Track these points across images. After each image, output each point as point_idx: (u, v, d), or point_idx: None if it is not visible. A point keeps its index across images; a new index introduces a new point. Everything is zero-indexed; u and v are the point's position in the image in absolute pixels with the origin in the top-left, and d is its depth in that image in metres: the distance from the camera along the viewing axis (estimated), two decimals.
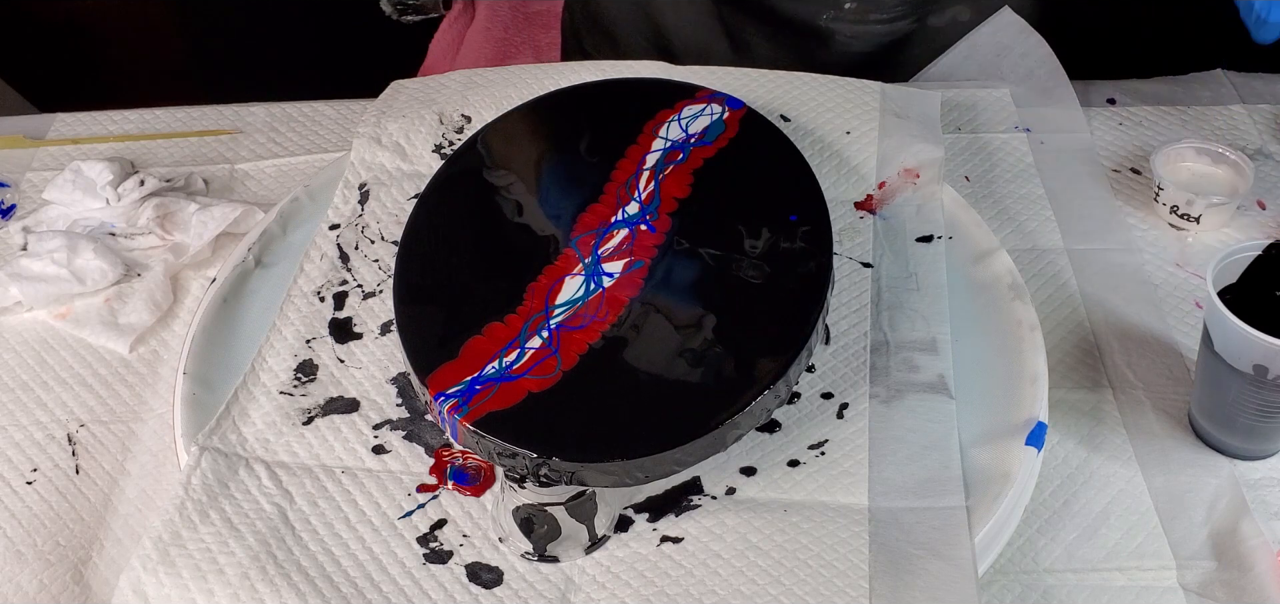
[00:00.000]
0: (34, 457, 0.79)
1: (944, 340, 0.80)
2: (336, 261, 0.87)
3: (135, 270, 0.91)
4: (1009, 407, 0.76)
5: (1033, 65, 1.10)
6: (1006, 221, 0.95)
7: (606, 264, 0.77)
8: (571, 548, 0.69)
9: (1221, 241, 0.92)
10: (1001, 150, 1.02)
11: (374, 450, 0.75)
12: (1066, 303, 0.88)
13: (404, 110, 0.99)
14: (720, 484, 0.72)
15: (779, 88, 0.99)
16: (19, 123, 1.10)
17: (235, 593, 0.66)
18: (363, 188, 0.93)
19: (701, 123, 0.88)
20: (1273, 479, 0.76)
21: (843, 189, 0.91)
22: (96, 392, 0.84)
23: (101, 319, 0.88)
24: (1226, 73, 1.10)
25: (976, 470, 0.73)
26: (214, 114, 1.09)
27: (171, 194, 0.97)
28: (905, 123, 0.96)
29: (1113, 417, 0.80)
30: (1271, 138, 1.03)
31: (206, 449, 0.73)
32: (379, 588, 0.67)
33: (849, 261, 0.86)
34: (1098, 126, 1.05)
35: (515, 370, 0.71)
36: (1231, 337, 0.72)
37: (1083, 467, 0.77)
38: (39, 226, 0.96)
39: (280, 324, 0.82)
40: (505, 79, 1.02)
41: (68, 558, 0.74)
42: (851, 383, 0.77)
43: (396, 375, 0.79)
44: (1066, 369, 0.83)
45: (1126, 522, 0.74)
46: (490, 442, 0.69)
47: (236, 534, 0.69)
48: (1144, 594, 0.70)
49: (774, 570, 0.67)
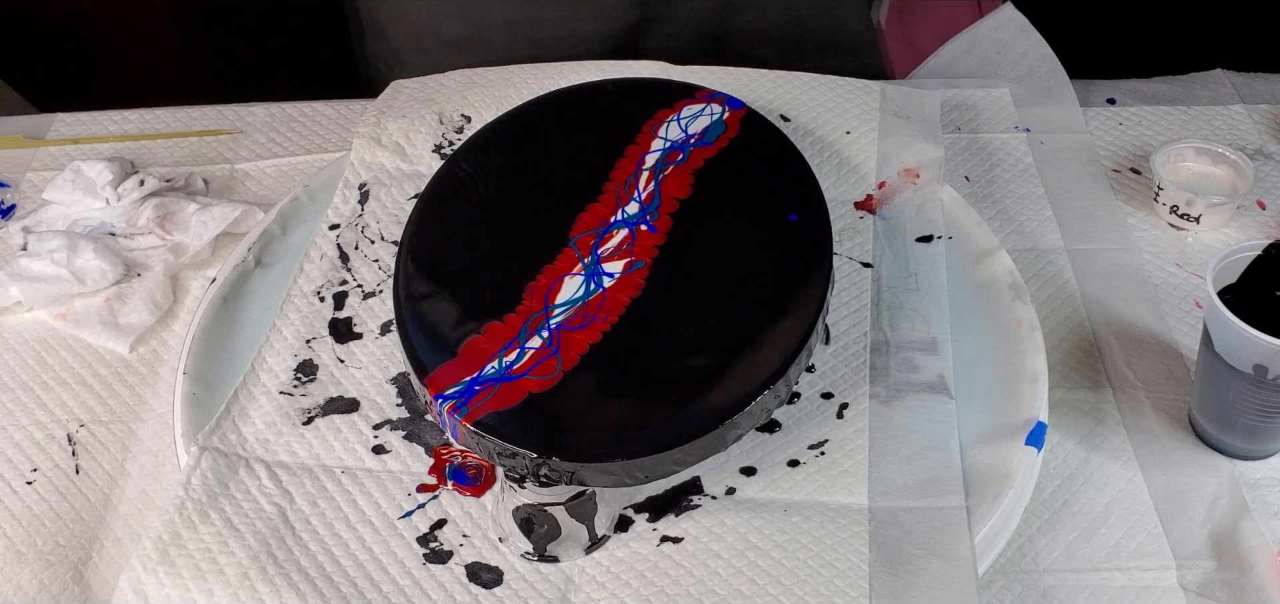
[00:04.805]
0: (34, 457, 0.79)
1: (944, 340, 0.80)
2: (336, 261, 0.87)
3: (135, 270, 0.91)
4: (1009, 407, 0.76)
5: (1033, 64, 1.10)
6: (1006, 221, 0.95)
7: (606, 264, 0.77)
8: (571, 548, 0.69)
9: (1221, 241, 0.92)
10: (1001, 150, 1.02)
11: (374, 450, 0.75)
12: (1066, 303, 0.88)
13: (404, 110, 0.99)
14: (720, 484, 0.72)
15: (779, 88, 0.99)
16: (19, 123, 1.10)
17: (235, 593, 0.66)
18: (363, 188, 0.93)
19: (701, 123, 0.88)
20: (1273, 479, 0.76)
21: (843, 189, 0.91)
22: (96, 392, 0.84)
23: (101, 319, 0.88)
24: (1226, 73, 1.10)
25: (976, 470, 0.73)
26: (214, 114, 1.09)
27: (171, 194, 0.97)
28: (905, 123, 0.96)
29: (1113, 417, 0.80)
30: (1271, 138, 1.03)
31: (206, 449, 0.73)
32: (379, 588, 0.67)
33: (849, 261, 0.86)
34: (1098, 126, 1.05)
35: (515, 370, 0.71)
36: (1231, 337, 0.72)
37: (1083, 467, 0.77)
38: (39, 226, 0.96)
39: (280, 324, 0.82)
40: (505, 79, 1.02)
41: (68, 558, 0.74)
42: (851, 383, 0.77)
43: (396, 375, 0.79)
44: (1066, 369, 0.83)
45: (1126, 522, 0.74)
46: (490, 442, 0.69)
47: (236, 534, 0.69)
48: (1144, 594, 0.70)
49: (774, 570, 0.67)
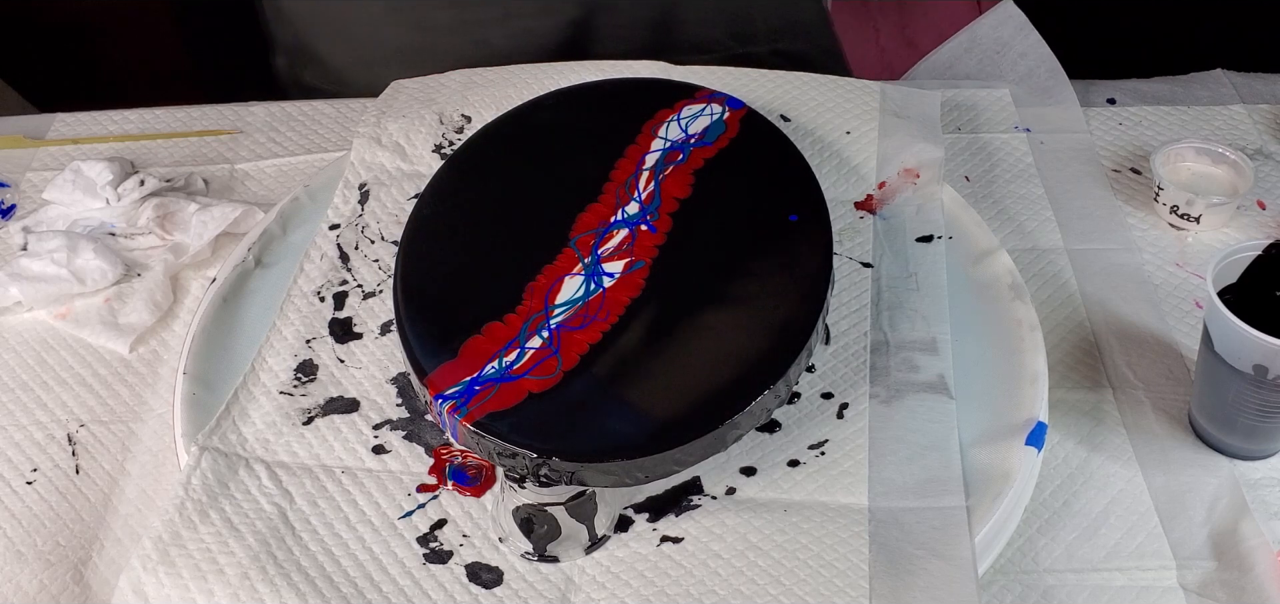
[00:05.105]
0: (34, 457, 0.79)
1: (944, 340, 0.80)
2: (336, 261, 0.87)
3: (135, 270, 0.91)
4: (1009, 407, 0.76)
5: (1032, 64, 1.10)
6: (1006, 221, 0.95)
7: (606, 264, 0.77)
8: (571, 548, 0.69)
9: (1221, 241, 0.92)
10: (1001, 150, 1.02)
11: (374, 450, 0.75)
12: (1066, 303, 0.88)
13: (404, 110, 0.99)
14: (720, 484, 0.72)
15: (779, 88, 0.99)
16: (19, 123, 1.09)
17: (235, 593, 0.66)
18: (363, 188, 0.93)
19: (701, 123, 0.88)
20: (1273, 479, 0.76)
21: (843, 189, 0.91)
22: (96, 392, 0.84)
23: (101, 319, 0.88)
24: (1226, 73, 1.10)
25: (976, 470, 0.73)
26: (214, 114, 1.09)
27: (171, 194, 0.97)
28: (905, 123, 0.96)
29: (1113, 417, 0.80)
30: (1271, 138, 1.03)
31: (206, 449, 0.73)
32: (379, 588, 0.67)
33: (849, 261, 0.86)
34: (1098, 126, 1.05)
35: (515, 370, 0.71)
36: (1231, 337, 0.72)
37: (1083, 467, 0.77)
38: (39, 226, 0.96)
39: (280, 324, 0.82)
40: (505, 79, 1.02)
41: (68, 558, 0.74)
42: (851, 383, 0.77)
43: (396, 375, 0.79)
44: (1066, 369, 0.83)
45: (1126, 522, 0.74)
46: (490, 442, 0.68)
47: (236, 534, 0.69)
48: (1144, 594, 0.70)
49: (774, 570, 0.67)
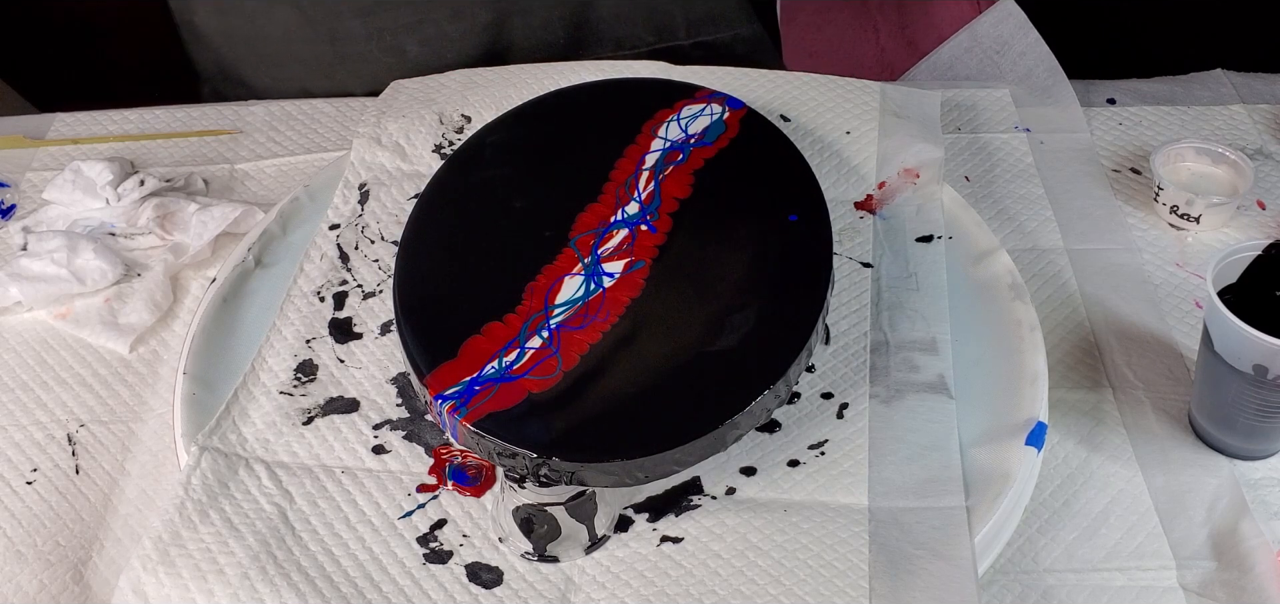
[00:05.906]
0: (34, 457, 0.79)
1: (944, 340, 0.80)
2: (336, 261, 0.87)
3: (135, 270, 0.91)
4: (1009, 407, 0.76)
5: (1032, 64, 1.10)
6: (1006, 221, 0.95)
7: (606, 264, 0.77)
8: (571, 548, 0.69)
9: (1221, 241, 0.92)
10: (1001, 150, 1.02)
11: (374, 450, 0.75)
12: (1066, 303, 0.88)
13: (404, 110, 0.99)
14: (720, 484, 0.72)
15: (779, 88, 0.99)
16: (19, 123, 1.10)
17: (235, 593, 0.66)
18: (363, 188, 0.93)
19: (701, 123, 0.88)
20: (1273, 479, 0.76)
21: (843, 189, 0.91)
22: (96, 392, 0.84)
23: (101, 319, 0.88)
24: (1226, 73, 1.10)
25: (976, 470, 0.73)
26: (214, 114, 1.09)
27: (171, 194, 0.97)
28: (905, 123, 0.96)
29: (1113, 417, 0.80)
30: (1271, 138, 1.03)
31: (206, 449, 0.73)
32: (379, 588, 0.67)
33: (849, 261, 0.86)
34: (1098, 126, 1.05)
35: (515, 370, 0.71)
36: (1231, 337, 0.72)
37: (1083, 467, 0.77)
38: (39, 226, 0.96)
39: (280, 324, 0.82)
40: (505, 79, 1.02)
41: (68, 558, 0.74)
42: (851, 383, 0.77)
43: (396, 375, 0.79)
44: (1066, 369, 0.83)
45: (1126, 522, 0.74)
46: (490, 442, 0.68)
47: (236, 534, 0.69)
48: (1144, 594, 0.70)
49: (774, 570, 0.67)
